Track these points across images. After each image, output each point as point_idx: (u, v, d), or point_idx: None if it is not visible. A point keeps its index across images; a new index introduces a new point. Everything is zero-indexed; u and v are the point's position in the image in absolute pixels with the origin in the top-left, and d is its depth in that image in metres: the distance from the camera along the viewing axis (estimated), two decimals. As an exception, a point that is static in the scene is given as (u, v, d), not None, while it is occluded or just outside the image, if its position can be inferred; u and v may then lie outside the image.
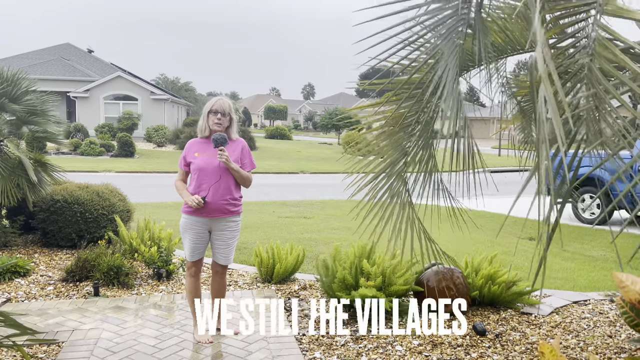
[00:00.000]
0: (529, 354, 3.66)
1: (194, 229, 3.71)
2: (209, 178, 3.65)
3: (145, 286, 5.05)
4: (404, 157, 3.28)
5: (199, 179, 3.66)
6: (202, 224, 3.72)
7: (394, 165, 3.31)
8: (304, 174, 20.14)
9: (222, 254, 3.80)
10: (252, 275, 5.44)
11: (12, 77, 5.90)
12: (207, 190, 3.64)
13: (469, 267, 4.65)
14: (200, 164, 3.66)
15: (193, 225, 3.71)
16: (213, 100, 3.77)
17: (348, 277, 4.17)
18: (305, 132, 62.93)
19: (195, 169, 3.68)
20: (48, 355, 3.56)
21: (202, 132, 3.76)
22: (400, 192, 3.29)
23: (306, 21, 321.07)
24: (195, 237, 3.72)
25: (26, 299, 4.64)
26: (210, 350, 3.67)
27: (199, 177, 3.67)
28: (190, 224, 3.71)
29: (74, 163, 18.32)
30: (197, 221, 3.70)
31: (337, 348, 3.71)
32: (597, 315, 4.49)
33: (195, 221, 3.70)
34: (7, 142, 5.91)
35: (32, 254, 5.96)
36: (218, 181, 3.65)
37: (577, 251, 7.22)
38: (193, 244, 3.73)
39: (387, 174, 3.32)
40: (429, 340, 3.83)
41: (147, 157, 22.62)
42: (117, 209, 6.29)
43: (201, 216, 3.69)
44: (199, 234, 3.72)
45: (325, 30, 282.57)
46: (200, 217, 3.69)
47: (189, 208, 3.71)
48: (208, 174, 3.64)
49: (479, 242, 7.46)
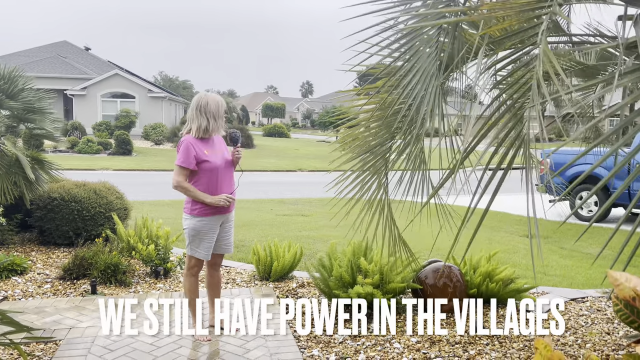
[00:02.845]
0: (526, 351, 3.66)
1: (212, 229, 3.70)
2: (225, 175, 3.69)
3: (142, 284, 5.05)
4: (390, 141, 3.35)
5: (214, 177, 3.63)
6: (218, 222, 3.74)
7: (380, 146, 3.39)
8: (301, 171, 20.14)
9: (227, 244, 3.89)
10: (249, 273, 5.43)
11: (8, 75, 5.88)
12: (229, 186, 3.71)
13: (467, 265, 4.65)
14: (217, 162, 3.65)
15: (212, 226, 3.69)
16: (214, 99, 3.67)
17: (345, 275, 4.16)
18: (304, 130, 62.93)
19: (209, 168, 3.61)
20: (45, 353, 3.55)
21: (213, 131, 3.66)
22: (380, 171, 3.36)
23: (304, 20, 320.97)
24: (212, 237, 3.72)
25: (23, 297, 4.63)
26: (208, 348, 3.67)
27: (213, 175, 3.63)
28: (210, 225, 3.67)
29: (71, 161, 18.28)
30: (216, 220, 3.71)
31: (335, 345, 3.71)
32: (595, 313, 4.50)
33: (215, 221, 3.69)
34: (4, 140, 5.89)
35: (29, 252, 5.95)
36: (231, 177, 3.76)
37: (574, 248, 7.23)
38: (209, 243, 3.72)
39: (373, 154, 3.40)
40: (427, 338, 3.83)
41: (144, 155, 22.59)
42: (115, 207, 6.27)
43: (222, 214, 3.71)
44: (215, 233, 3.74)
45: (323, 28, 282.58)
46: (222, 214, 3.71)
47: (208, 209, 3.61)
48: (224, 172, 3.69)
49: (477, 239, 7.45)
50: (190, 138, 3.63)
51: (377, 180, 3.37)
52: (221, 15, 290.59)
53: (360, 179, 3.45)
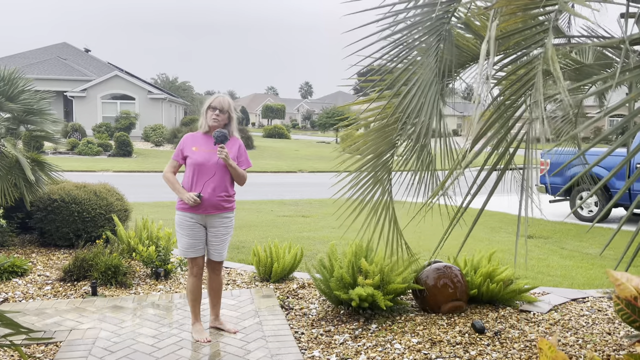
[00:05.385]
0: (527, 351, 3.66)
1: (190, 225, 3.71)
2: (205, 174, 3.66)
3: (143, 285, 5.04)
4: (392, 149, 3.36)
5: (195, 174, 3.67)
6: (198, 220, 3.72)
7: (380, 156, 3.39)
8: (302, 172, 20.13)
9: (216, 250, 3.81)
10: (250, 274, 5.43)
11: (8, 76, 5.88)
12: (201, 186, 3.65)
13: (468, 265, 4.65)
14: (198, 159, 3.66)
15: (188, 221, 3.71)
16: (213, 97, 3.81)
17: (346, 275, 4.16)
18: (304, 131, 62.93)
19: (192, 164, 3.67)
20: (46, 355, 3.55)
21: (202, 128, 3.79)
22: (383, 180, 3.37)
23: (304, 20, 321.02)
24: (191, 233, 3.71)
25: (24, 298, 4.62)
26: (209, 349, 3.66)
27: (194, 172, 3.67)
28: (186, 220, 3.71)
29: (71, 162, 18.28)
30: (193, 217, 3.70)
31: (336, 346, 3.70)
32: (596, 313, 4.49)
33: (191, 217, 3.70)
34: (4, 142, 5.89)
35: (29, 254, 5.94)
36: (212, 177, 3.65)
37: (575, 249, 7.22)
38: (188, 239, 3.72)
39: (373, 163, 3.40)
40: (427, 338, 3.82)
41: (144, 156, 22.59)
42: (115, 209, 6.28)
43: (197, 212, 3.69)
44: (194, 231, 3.72)
45: (323, 30, 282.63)
46: (196, 213, 3.69)
47: (183, 204, 3.70)
48: (205, 170, 3.65)
49: (478, 239, 7.46)
50: (191, 133, 3.84)
51: (381, 183, 3.37)
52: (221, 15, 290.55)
53: (364, 181, 3.44)
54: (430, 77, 2.72)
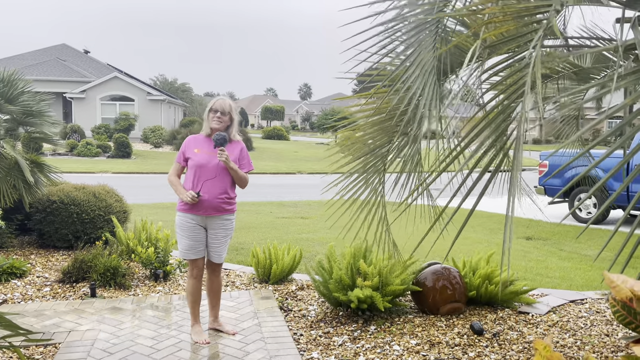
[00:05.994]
0: (526, 353, 3.66)
1: (190, 227, 3.71)
2: (206, 176, 3.67)
3: (142, 287, 5.04)
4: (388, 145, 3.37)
5: (196, 175, 3.68)
6: (198, 222, 3.73)
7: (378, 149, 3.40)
8: (301, 174, 20.14)
9: (216, 252, 3.82)
10: (249, 276, 5.43)
11: (8, 78, 5.89)
12: (202, 187, 3.66)
13: (467, 267, 4.66)
14: (200, 161, 3.68)
15: (189, 223, 3.71)
16: (214, 100, 3.83)
17: (344, 277, 4.17)
18: (303, 132, 62.92)
19: (193, 165, 3.69)
20: (45, 356, 3.55)
21: (204, 131, 3.81)
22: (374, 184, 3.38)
23: (304, 22, 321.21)
24: (191, 234, 3.72)
25: (22, 300, 4.62)
26: (208, 350, 3.67)
27: (196, 174, 3.68)
28: (186, 222, 3.72)
29: (70, 164, 18.28)
30: (193, 219, 3.71)
31: (335, 348, 3.71)
32: (594, 314, 4.50)
33: (191, 219, 3.71)
34: (3, 143, 5.89)
35: (28, 255, 5.94)
36: (213, 178, 3.67)
37: (574, 250, 7.24)
38: (189, 241, 3.73)
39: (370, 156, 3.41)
40: (426, 340, 3.83)
41: (144, 158, 22.59)
42: (114, 210, 6.28)
43: (197, 214, 3.70)
44: (194, 232, 3.72)
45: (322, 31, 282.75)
46: (196, 214, 3.70)
47: (184, 205, 3.71)
48: (206, 172, 3.67)
49: (476, 241, 7.47)
50: (194, 135, 3.88)
51: (372, 183, 3.39)
52: (221, 17, 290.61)
53: (357, 181, 3.47)
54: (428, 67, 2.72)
